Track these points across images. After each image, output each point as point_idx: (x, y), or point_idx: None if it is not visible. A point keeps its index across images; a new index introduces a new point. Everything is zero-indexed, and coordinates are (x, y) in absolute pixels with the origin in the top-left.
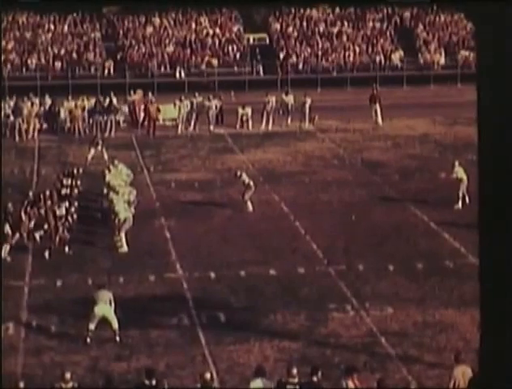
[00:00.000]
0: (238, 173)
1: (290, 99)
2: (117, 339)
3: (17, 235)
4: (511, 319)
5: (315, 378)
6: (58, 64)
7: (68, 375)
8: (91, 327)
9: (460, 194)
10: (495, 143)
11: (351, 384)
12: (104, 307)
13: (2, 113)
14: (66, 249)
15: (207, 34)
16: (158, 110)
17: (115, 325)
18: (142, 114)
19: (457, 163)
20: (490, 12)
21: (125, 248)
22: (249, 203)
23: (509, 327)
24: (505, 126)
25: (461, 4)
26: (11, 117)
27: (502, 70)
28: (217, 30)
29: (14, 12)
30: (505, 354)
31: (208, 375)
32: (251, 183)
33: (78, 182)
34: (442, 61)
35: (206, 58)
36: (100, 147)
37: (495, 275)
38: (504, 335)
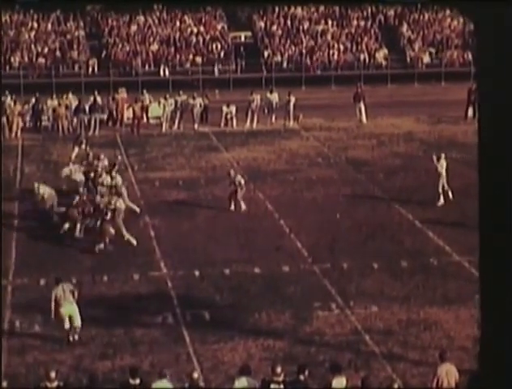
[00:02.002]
0: (232, 173)
1: (274, 97)
2: (76, 337)
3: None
4: (511, 319)
5: (302, 377)
6: (42, 62)
7: (53, 374)
8: (67, 326)
9: (440, 190)
10: (495, 143)
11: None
12: (70, 307)
13: None
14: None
15: (192, 32)
16: (142, 109)
17: (78, 322)
18: (125, 113)
19: (443, 155)
20: (490, 12)
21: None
22: (242, 203)
23: (509, 327)
24: (505, 125)
25: (461, 4)
26: None
27: (502, 70)
28: (201, 28)
29: None
30: (505, 354)
31: (196, 374)
32: (242, 182)
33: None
34: (426, 59)
35: (191, 56)
36: (83, 146)
37: (495, 275)
38: (504, 335)
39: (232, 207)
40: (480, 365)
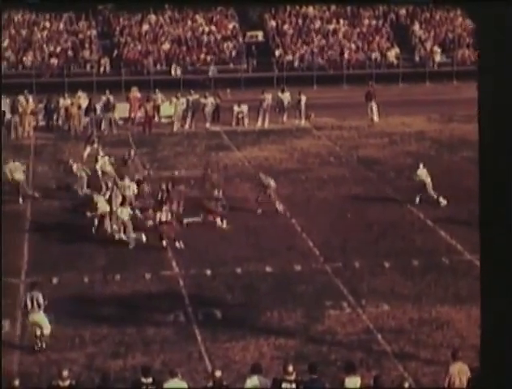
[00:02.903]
0: (262, 176)
1: (286, 96)
2: (43, 345)
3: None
4: (511, 319)
5: (313, 376)
6: (54, 61)
7: (65, 373)
8: (37, 333)
9: (432, 194)
10: (496, 143)
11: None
12: (37, 316)
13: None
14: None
15: (203, 32)
16: (154, 108)
17: (47, 330)
18: (138, 112)
19: (421, 165)
20: (491, 12)
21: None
22: (277, 203)
23: (510, 327)
24: (505, 125)
25: (462, 4)
26: (8, 115)
27: (503, 69)
28: (213, 27)
29: (11, 10)
30: (505, 354)
31: (219, 373)
32: (273, 184)
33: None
34: (438, 58)
35: (202, 56)
36: (95, 145)
37: (495, 274)
38: (504, 335)
39: (260, 210)
40: (480, 365)
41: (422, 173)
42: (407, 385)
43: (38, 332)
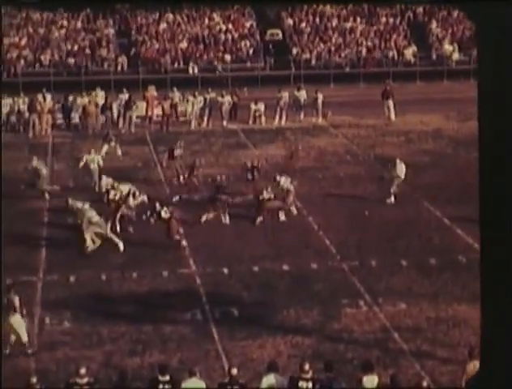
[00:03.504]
0: (277, 178)
1: (302, 94)
2: (29, 351)
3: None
4: (511, 319)
5: (329, 374)
6: (72, 60)
7: (83, 370)
8: (12, 338)
9: (392, 191)
10: (496, 143)
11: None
12: (13, 319)
13: (16, 108)
14: None
15: (220, 30)
16: (171, 106)
17: (24, 338)
18: (155, 110)
19: (398, 160)
20: (491, 12)
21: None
22: (293, 208)
23: (510, 327)
24: (506, 125)
25: (462, 4)
26: (26, 114)
27: (503, 70)
28: (230, 26)
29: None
30: (505, 354)
31: (235, 371)
32: (291, 187)
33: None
34: (456, 56)
35: (220, 54)
36: (113, 143)
37: (495, 274)
38: (504, 335)
39: (283, 217)
40: (480, 365)
41: (401, 168)
42: (425, 384)
43: (13, 338)
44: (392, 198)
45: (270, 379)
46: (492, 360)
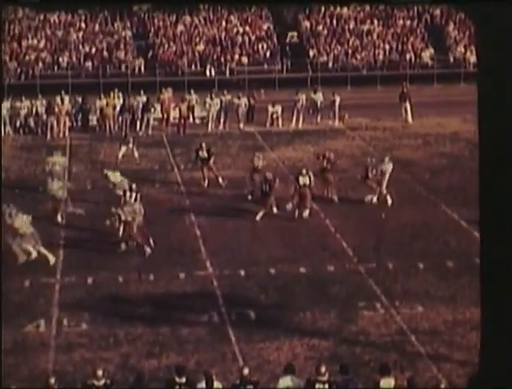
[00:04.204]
0: (301, 177)
1: (319, 97)
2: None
3: None
4: (511, 319)
5: (346, 377)
6: (89, 62)
7: (100, 372)
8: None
9: (383, 189)
10: (496, 143)
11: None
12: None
13: (34, 110)
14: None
15: (237, 32)
16: (189, 108)
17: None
18: (172, 112)
19: (387, 158)
20: (490, 12)
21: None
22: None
23: (510, 327)
24: (506, 125)
25: (462, 4)
26: (44, 116)
27: (503, 69)
28: (247, 28)
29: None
30: (505, 354)
31: (246, 370)
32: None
33: None
34: (473, 59)
35: (237, 56)
36: (130, 145)
37: (495, 275)
38: (504, 335)
39: (307, 213)
40: (480, 365)
41: (388, 166)
42: (442, 387)
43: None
44: (375, 198)
45: (286, 381)
46: (492, 360)
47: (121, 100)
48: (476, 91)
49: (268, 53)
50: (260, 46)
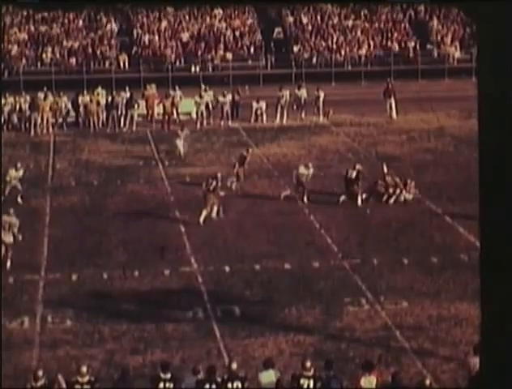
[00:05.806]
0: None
1: (303, 93)
2: None
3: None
4: (511, 319)
5: (330, 372)
6: (73, 58)
7: (84, 369)
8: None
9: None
10: (495, 143)
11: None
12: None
13: (17, 107)
14: None
15: (221, 28)
16: (173, 105)
17: None
18: (156, 109)
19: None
20: (490, 12)
21: None
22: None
23: (510, 327)
24: (505, 125)
25: (461, 3)
26: (27, 112)
27: (502, 69)
28: (231, 24)
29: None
30: (505, 354)
31: (234, 366)
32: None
33: None
34: (457, 54)
35: (221, 52)
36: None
37: (495, 274)
38: (504, 335)
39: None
40: (480, 365)
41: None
42: (427, 382)
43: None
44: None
45: (269, 375)
46: (493, 359)
47: (109, 97)
48: (476, 91)
49: (252, 49)
50: (244, 42)
